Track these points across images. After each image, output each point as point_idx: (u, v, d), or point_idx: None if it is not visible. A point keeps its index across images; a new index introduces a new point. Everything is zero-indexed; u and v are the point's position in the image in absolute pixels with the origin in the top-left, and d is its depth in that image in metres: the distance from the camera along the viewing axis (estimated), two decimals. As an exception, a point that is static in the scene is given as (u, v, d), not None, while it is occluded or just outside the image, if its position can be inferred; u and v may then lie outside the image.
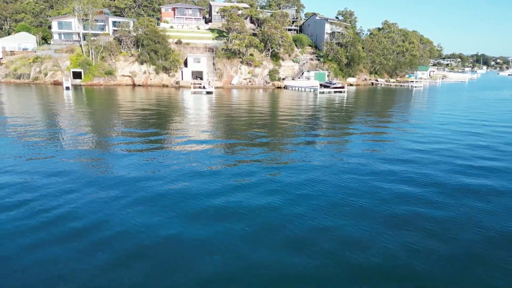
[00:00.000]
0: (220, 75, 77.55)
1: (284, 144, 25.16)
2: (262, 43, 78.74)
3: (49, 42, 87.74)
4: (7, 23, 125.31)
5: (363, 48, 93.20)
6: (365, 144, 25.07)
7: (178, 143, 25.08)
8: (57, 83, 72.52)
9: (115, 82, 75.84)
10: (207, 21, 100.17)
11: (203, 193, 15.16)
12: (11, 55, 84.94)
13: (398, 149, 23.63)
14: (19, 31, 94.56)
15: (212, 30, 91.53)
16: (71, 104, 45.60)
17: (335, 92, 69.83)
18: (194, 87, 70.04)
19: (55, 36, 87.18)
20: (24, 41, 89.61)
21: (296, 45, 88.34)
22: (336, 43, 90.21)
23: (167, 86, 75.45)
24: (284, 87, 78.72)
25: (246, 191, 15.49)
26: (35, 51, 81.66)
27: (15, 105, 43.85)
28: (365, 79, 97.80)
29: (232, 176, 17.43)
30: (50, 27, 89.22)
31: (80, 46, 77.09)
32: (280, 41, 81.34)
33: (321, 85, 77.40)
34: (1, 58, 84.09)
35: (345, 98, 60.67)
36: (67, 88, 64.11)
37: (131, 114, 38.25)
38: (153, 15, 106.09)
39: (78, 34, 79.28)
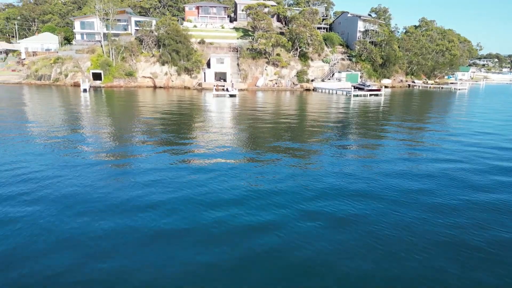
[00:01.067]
0: (245, 77, 72.93)
1: (319, 159, 19.95)
2: (290, 42, 73.47)
3: (72, 42, 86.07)
4: (35, 25, 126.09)
5: (399, 47, 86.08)
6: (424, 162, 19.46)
7: (200, 155, 21.51)
8: (77, 85, 70.04)
9: (136, 84, 72.72)
10: (232, 20, 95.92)
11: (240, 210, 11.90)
12: (33, 56, 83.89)
13: (470, 172, 17.91)
14: (44, 32, 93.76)
15: (237, 29, 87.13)
16: (86, 109, 42.03)
17: (370, 95, 63.60)
18: (217, 90, 65.72)
19: (78, 36, 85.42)
20: (48, 41, 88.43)
21: (326, 44, 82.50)
22: (369, 42, 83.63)
23: (188, 88, 71.58)
24: (313, 89, 73.15)
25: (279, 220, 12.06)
26: (57, 52, 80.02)
27: (25, 109, 40.75)
28: (401, 80, 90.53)
29: (260, 195, 14.31)
30: (73, 27, 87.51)
31: (101, 46, 74.50)
32: (309, 40, 75.82)
33: (353, 87, 71.34)
34: (24, 59, 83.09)
35: (382, 102, 54.53)
36: (85, 90, 61.18)
37: (149, 121, 34.19)
38: (177, 15, 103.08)
39: (100, 34, 76.80)
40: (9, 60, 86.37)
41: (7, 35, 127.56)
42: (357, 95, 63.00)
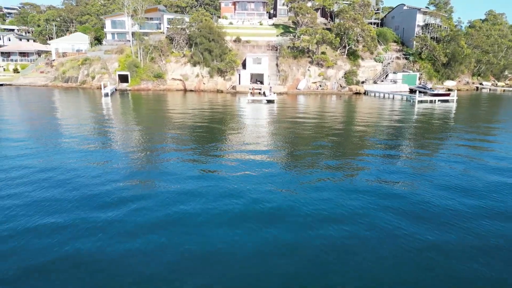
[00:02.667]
0: (284, 78, 64.28)
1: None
2: (337, 38, 63.82)
3: (102, 42, 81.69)
4: (73, 26, 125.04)
5: (465, 43, 73.53)
6: None
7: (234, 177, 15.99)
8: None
9: (165, 87, 66.33)
10: (271, 16, 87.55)
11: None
12: (63, 56, 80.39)
13: None
14: (76, 32, 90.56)
15: (276, 25, 78.65)
16: (98, 119, 35.30)
17: (439, 100, 52.60)
18: (253, 94, 57.66)
19: (109, 36, 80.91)
20: (79, 41, 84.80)
21: (378, 41, 71.88)
22: (430, 38, 71.92)
23: (221, 91, 64.06)
24: (364, 93, 63.04)
25: None
26: (85, 53, 75.75)
27: (32, 115, 34.69)
28: (467, 82, 77.71)
29: None
30: (103, 27, 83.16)
31: (130, 46, 68.86)
32: (359, 36, 65.78)
33: (413, 90, 60.63)
34: (53, 60, 79.76)
35: (453, 110, 43.82)
36: (106, 95, 55.26)
37: (178, 133, 26.74)
38: (214, 13, 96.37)
39: (129, 33, 71.30)
40: (40, 61, 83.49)
41: (47, 36, 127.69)
42: (421, 101, 52.23)
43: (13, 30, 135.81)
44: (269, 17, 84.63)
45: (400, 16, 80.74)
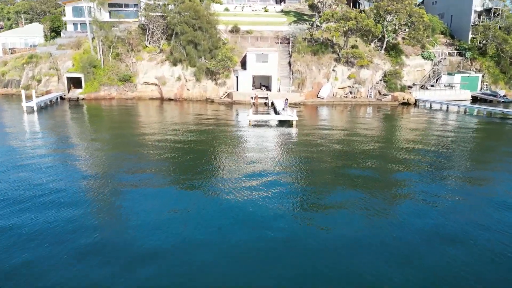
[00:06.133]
0: (301, 83, 45.85)
1: None
2: (379, 26, 45.07)
3: (61, 35, 63.39)
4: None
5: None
6: None
7: None
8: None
9: (134, 94, 48.02)
10: (279, 1, 69.00)
11: None
12: (11, 53, 62.32)
13: None
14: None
15: (286, 12, 60.21)
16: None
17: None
18: (256, 104, 39.72)
19: (69, 27, 62.56)
20: (34, 34, 66.65)
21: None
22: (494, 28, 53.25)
23: (212, 101, 45.66)
24: (414, 104, 44.45)
25: None
26: (35, 48, 57.63)
27: None
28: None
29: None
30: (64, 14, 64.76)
31: (89, 39, 50.49)
32: (405, 23, 47.24)
33: (475, 98, 42.96)
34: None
35: None
36: (30, 110, 36.76)
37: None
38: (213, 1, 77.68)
39: (87, 21, 52.76)
40: (-19, 60, 65.07)
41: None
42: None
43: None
44: (276, 2, 66.16)
45: (446, 1, 62.19)
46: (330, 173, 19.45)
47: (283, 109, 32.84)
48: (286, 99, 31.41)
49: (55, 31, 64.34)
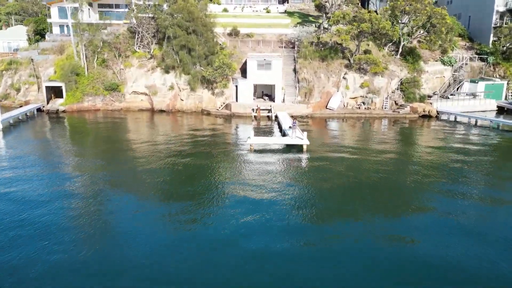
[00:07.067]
0: (308, 92, 40.95)
1: None
2: (396, 28, 40.01)
3: (46, 38, 58.58)
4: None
5: None
6: None
7: None
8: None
9: (122, 105, 43.15)
10: (282, 1, 64.19)
11: None
12: (-9, 59, 57.47)
13: None
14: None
15: (290, 13, 55.41)
16: None
17: None
18: (258, 117, 35.09)
19: (55, 29, 57.94)
20: (18, 37, 61.85)
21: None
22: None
23: (208, 113, 40.73)
24: (436, 116, 39.47)
25: None
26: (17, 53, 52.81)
27: None
28: None
29: None
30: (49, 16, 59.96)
31: (73, 43, 45.59)
32: (424, 26, 42.32)
33: (501, 108, 38.46)
34: (-26, 65, 56.70)
35: None
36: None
37: None
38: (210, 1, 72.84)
39: (70, 23, 47.85)
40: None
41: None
42: None
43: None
44: (279, 3, 61.34)
45: (463, 0, 57.28)
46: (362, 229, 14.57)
47: (290, 127, 27.94)
48: (295, 120, 26.25)
49: (40, 34, 59.43)
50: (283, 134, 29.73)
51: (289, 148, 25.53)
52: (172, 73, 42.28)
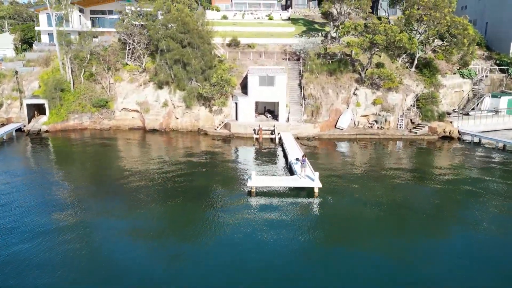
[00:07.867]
0: (315, 110, 37.16)
1: None
2: (413, 40, 36.01)
3: (33, 47, 55.01)
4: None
5: None
6: None
7: None
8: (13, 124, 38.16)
9: (111, 123, 39.48)
10: (286, 7, 60.71)
11: None
12: (-25, 70, 53.92)
13: None
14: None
15: (294, 20, 51.74)
16: None
17: None
18: (260, 140, 31.58)
19: (44, 38, 54.21)
20: (5, 46, 58.30)
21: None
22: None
23: (205, 133, 36.99)
24: (458, 138, 35.58)
25: None
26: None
27: None
28: None
29: None
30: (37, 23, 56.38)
31: (58, 54, 41.96)
32: (444, 36, 38.51)
33: None
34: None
35: None
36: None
37: None
38: (206, 7, 69.28)
39: (54, 31, 44.23)
40: None
41: None
42: None
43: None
44: (282, 9, 57.74)
45: (479, 5, 53.44)
46: None
47: (298, 159, 24.12)
48: (304, 156, 22.27)
49: (27, 43, 55.84)
50: (289, 166, 25.94)
51: (297, 191, 21.65)
52: (166, 89, 38.60)
